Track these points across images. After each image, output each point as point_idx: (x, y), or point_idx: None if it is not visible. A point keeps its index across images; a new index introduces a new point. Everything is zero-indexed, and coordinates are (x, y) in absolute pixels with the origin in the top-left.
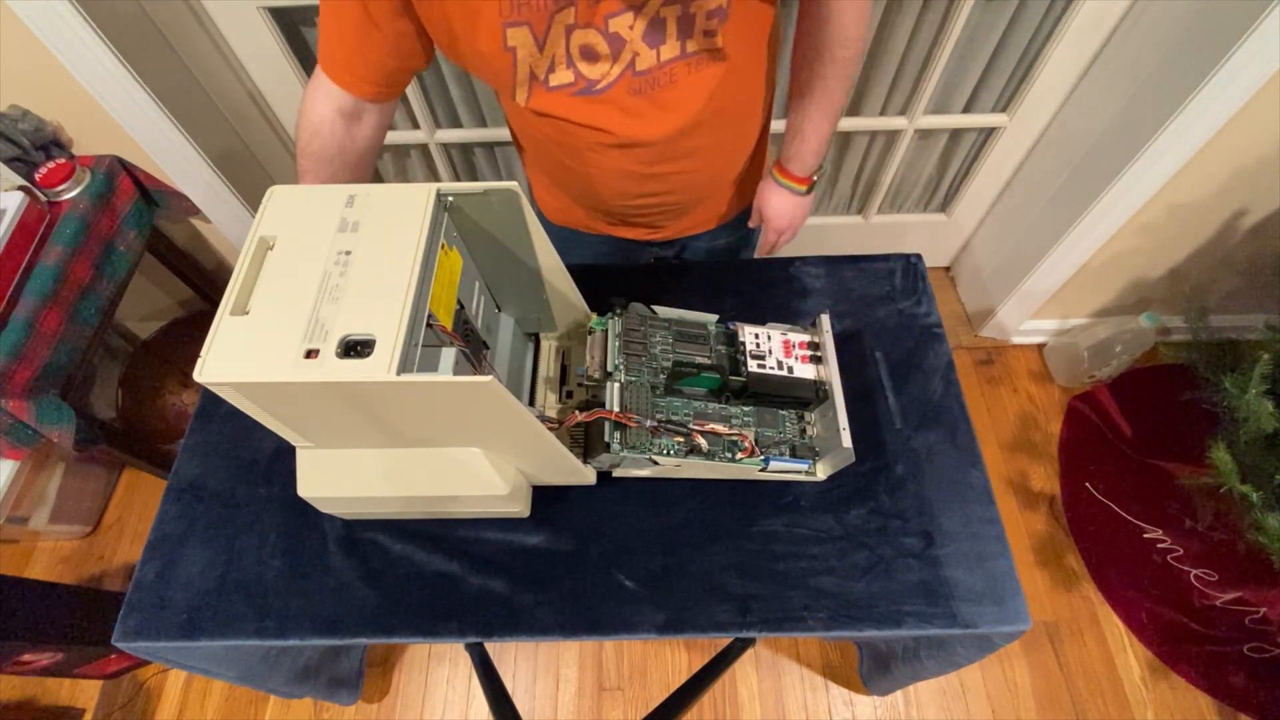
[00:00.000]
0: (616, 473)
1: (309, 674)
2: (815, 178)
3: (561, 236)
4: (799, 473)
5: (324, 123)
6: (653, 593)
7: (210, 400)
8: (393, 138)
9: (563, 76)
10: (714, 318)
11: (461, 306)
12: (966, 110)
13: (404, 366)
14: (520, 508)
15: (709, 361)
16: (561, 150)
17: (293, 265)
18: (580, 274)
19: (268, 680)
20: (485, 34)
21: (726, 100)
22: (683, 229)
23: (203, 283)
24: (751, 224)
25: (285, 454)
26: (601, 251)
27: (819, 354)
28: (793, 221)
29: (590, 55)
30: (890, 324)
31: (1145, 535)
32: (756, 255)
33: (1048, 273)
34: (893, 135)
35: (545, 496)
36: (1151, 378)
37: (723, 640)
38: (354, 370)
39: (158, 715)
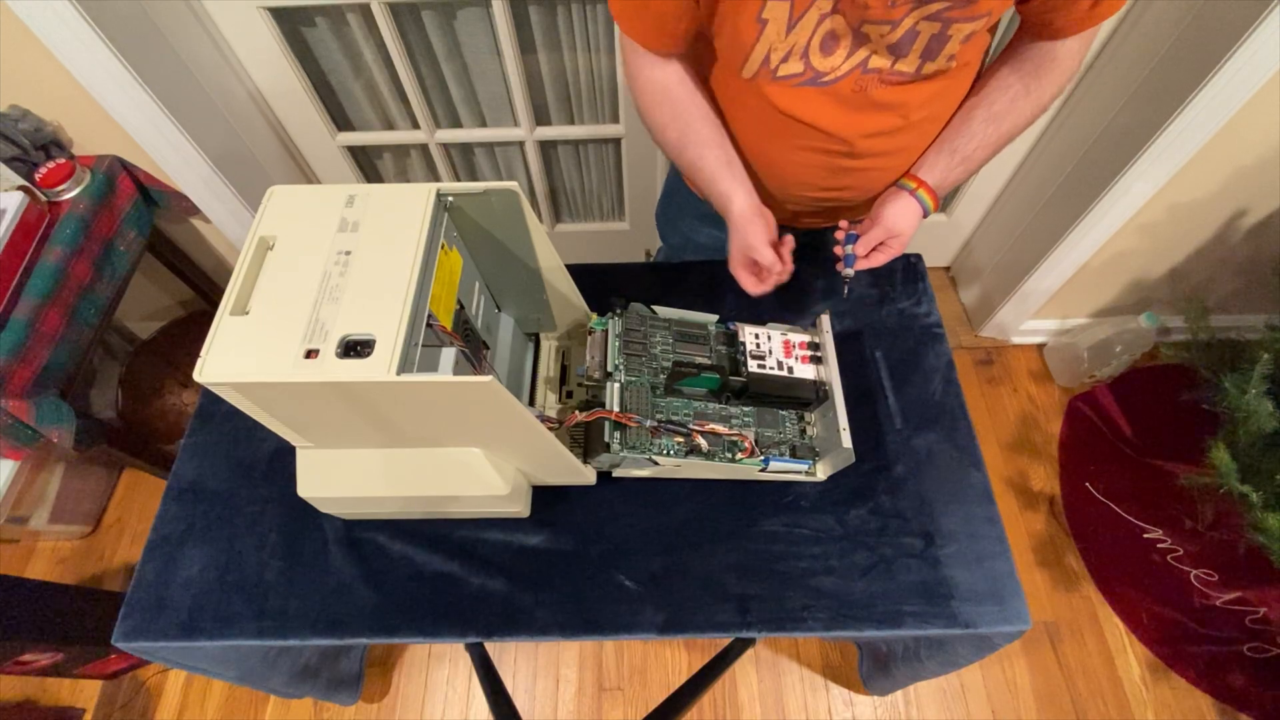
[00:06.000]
0: (616, 473)
1: (309, 674)
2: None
3: (703, 215)
4: (799, 473)
5: (668, 77)
6: (653, 593)
7: (210, 400)
8: (393, 138)
9: (792, 67)
10: (714, 318)
11: (461, 306)
12: None
13: (404, 366)
14: (520, 508)
15: (709, 361)
16: (760, 134)
17: (293, 265)
18: (580, 274)
19: (268, 680)
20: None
21: (938, 108)
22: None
23: (203, 283)
24: (861, 228)
25: (285, 454)
26: None
27: (819, 354)
28: (905, 233)
29: (829, 45)
30: (890, 324)
31: (1145, 535)
32: (860, 248)
33: (1048, 273)
34: None
35: (545, 496)
36: (1151, 378)
37: (723, 640)
38: (354, 370)
39: (158, 715)
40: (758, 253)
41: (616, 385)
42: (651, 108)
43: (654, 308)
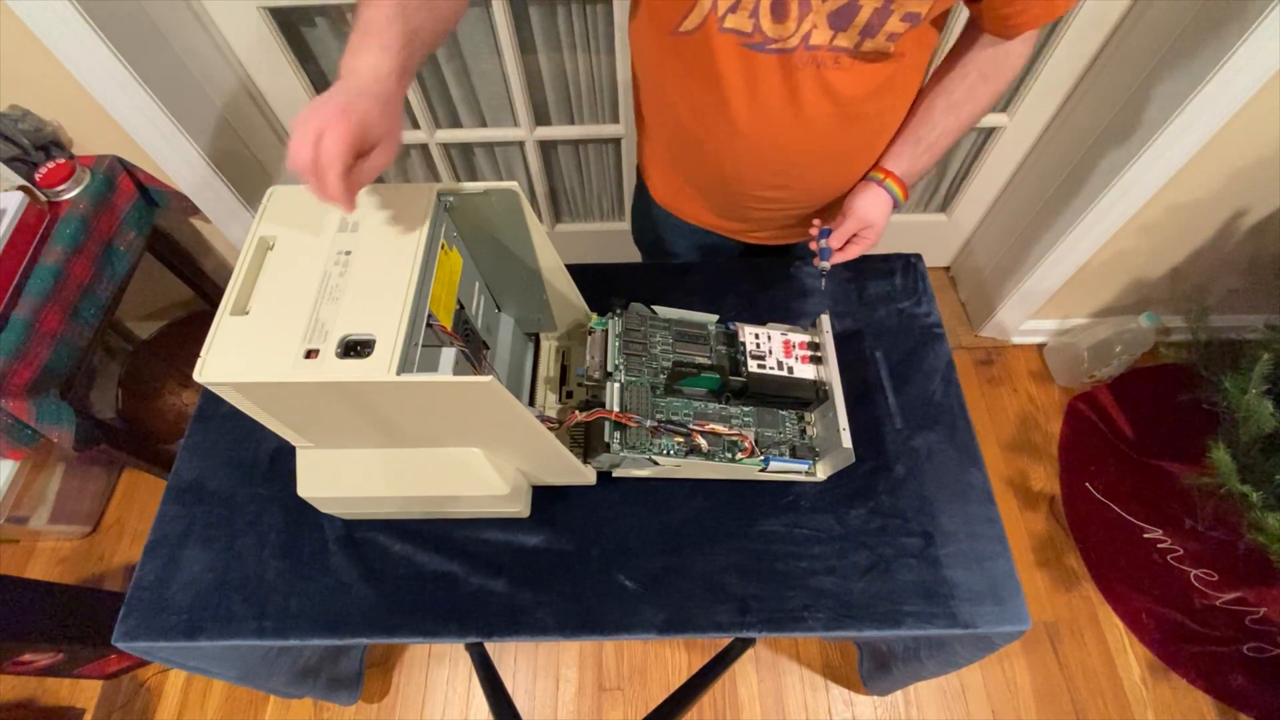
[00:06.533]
0: (616, 473)
1: (309, 674)
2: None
3: (666, 224)
4: (799, 473)
5: None
6: (653, 593)
7: (210, 400)
8: None
9: (740, 22)
10: (714, 318)
11: (461, 306)
12: None
13: (404, 366)
14: (520, 508)
15: (709, 361)
16: (697, 121)
17: (293, 265)
18: (580, 274)
19: (268, 680)
20: None
21: (873, 106)
22: (793, 236)
23: (203, 283)
24: (835, 223)
25: (285, 454)
26: (700, 242)
27: (819, 354)
28: (877, 223)
29: (781, 12)
30: (890, 324)
31: (1145, 535)
32: (834, 240)
33: (1048, 273)
34: None
35: (545, 496)
36: (1151, 378)
37: (723, 640)
38: (354, 370)
39: (158, 715)
40: (337, 138)
41: (616, 385)
42: None
43: (654, 308)
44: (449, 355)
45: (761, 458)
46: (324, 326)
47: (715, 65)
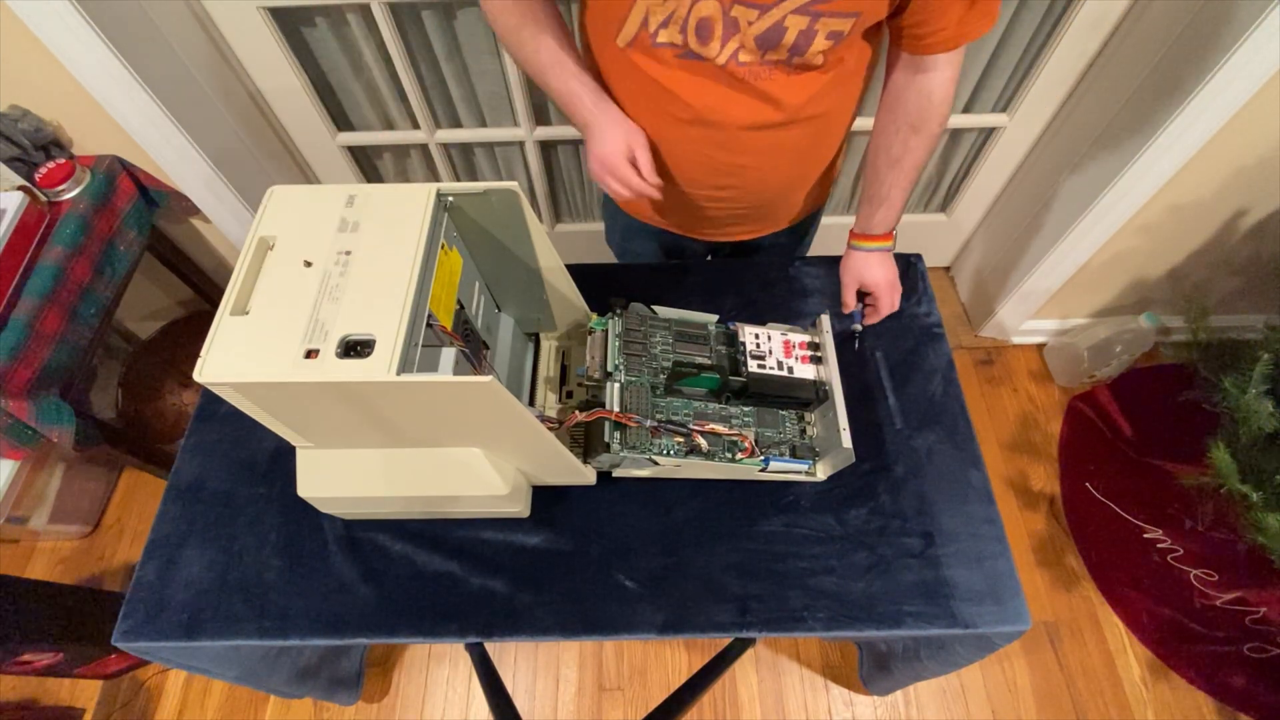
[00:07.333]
0: (616, 473)
1: (309, 674)
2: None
3: (628, 227)
4: (799, 473)
5: None
6: (653, 593)
7: (210, 400)
8: (393, 138)
9: (672, 36)
10: (714, 318)
11: (461, 306)
12: (966, 110)
13: (404, 366)
14: (520, 508)
15: (709, 361)
16: (641, 114)
17: (293, 265)
18: (580, 274)
19: (268, 680)
20: None
21: (817, 109)
22: (747, 233)
23: (203, 283)
24: (850, 308)
25: (285, 454)
26: (663, 243)
27: (819, 354)
28: (867, 277)
29: (705, 34)
30: (890, 324)
31: (1145, 535)
32: (871, 320)
33: (1048, 273)
34: None
35: (545, 496)
36: (1151, 378)
37: (723, 640)
38: (354, 370)
39: (158, 715)
40: (645, 149)
41: (616, 385)
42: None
43: (654, 308)
44: (449, 355)
45: (761, 458)
46: (324, 326)
47: (655, 75)
